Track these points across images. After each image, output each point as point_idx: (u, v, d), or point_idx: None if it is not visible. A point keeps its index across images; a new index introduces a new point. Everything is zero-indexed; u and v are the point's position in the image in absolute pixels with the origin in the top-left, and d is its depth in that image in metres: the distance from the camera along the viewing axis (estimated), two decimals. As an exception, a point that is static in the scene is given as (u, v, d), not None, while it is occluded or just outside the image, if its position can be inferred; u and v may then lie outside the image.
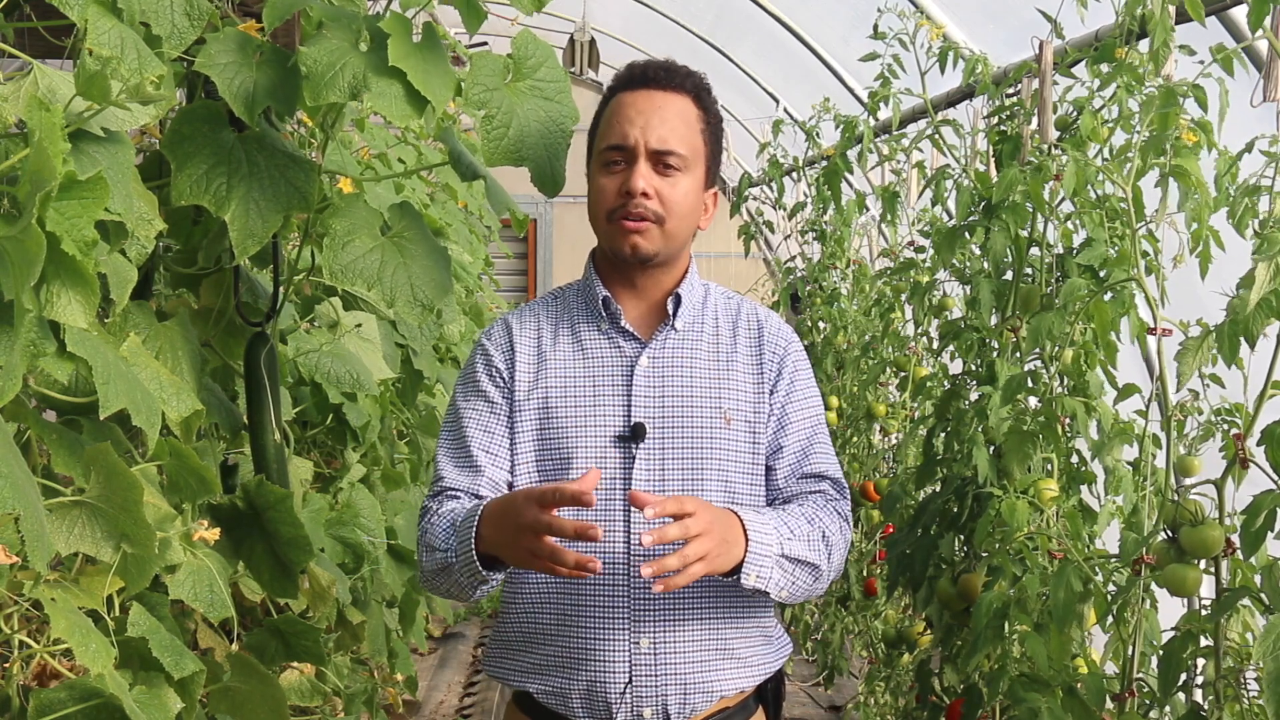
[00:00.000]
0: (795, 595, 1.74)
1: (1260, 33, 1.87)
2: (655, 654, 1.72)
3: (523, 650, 1.80)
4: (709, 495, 1.74)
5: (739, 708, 1.80)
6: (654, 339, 1.81)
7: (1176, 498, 1.91)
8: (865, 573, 4.36)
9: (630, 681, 1.72)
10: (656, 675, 1.72)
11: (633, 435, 1.75)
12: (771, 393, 1.83)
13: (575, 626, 1.74)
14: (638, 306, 1.84)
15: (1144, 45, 2.20)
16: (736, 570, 1.65)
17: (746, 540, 1.65)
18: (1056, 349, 2.46)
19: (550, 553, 1.55)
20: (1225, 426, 1.87)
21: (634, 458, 1.75)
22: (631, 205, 1.75)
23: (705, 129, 1.81)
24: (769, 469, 1.82)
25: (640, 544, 1.56)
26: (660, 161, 1.75)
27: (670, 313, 1.82)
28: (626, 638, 1.72)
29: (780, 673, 1.87)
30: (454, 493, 1.79)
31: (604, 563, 1.72)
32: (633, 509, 1.70)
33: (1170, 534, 1.90)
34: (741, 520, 1.67)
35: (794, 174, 5.21)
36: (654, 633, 1.73)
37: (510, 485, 1.80)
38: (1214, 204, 2.07)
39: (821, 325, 5.06)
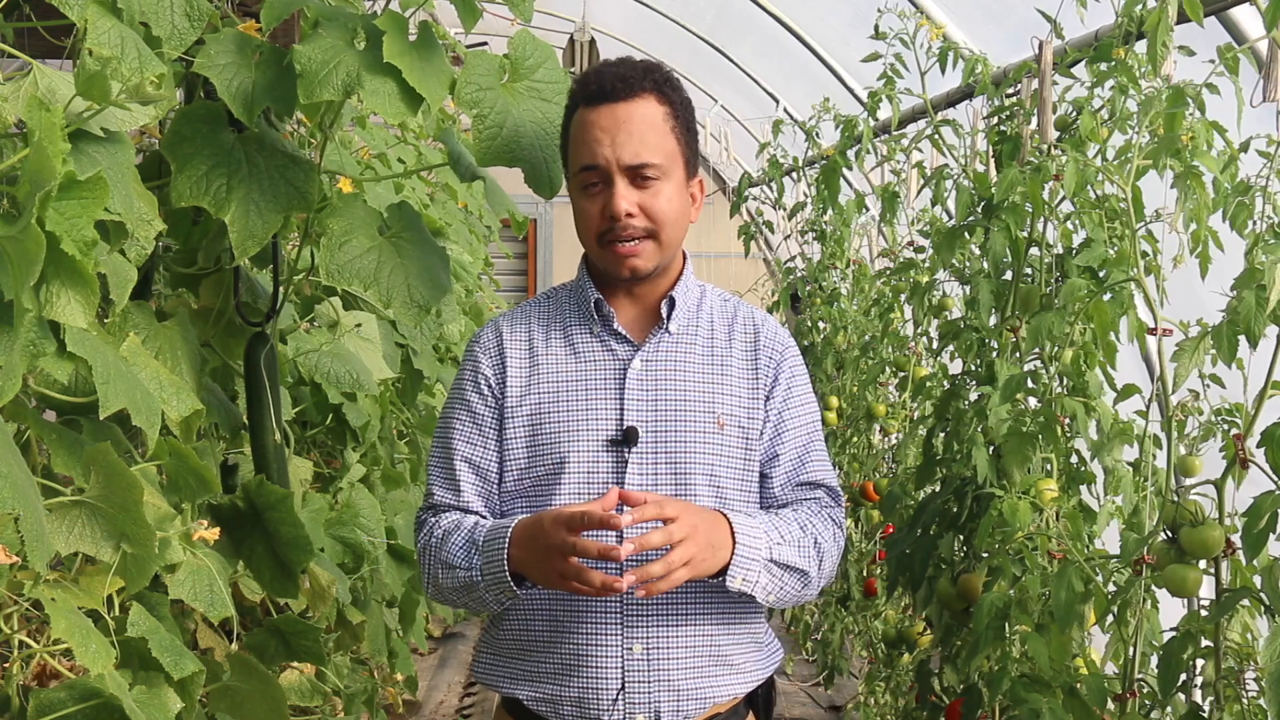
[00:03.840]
0: (783, 600, 1.74)
1: (1263, 34, 1.87)
2: (648, 659, 1.71)
3: (514, 657, 1.78)
4: (700, 499, 1.73)
5: (730, 714, 1.78)
6: (647, 342, 1.79)
7: (1177, 498, 1.91)
8: (865, 573, 4.36)
9: (623, 688, 1.70)
10: (650, 681, 1.71)
11: (625, 439, 1.73)
12: (768, 399, 1.81)
13: (568, 633, 1.72)
14: (631, 309, 1.82)
15: (1142, 46, 2.19)
16: (722, 573, 1.65)
17: (734, 543, 1.65)
18: (1056, 349, 2.46)
19: (576, 574, 1.58)
20: (1225, 427, 1.87)
21: (626, 462, 1.73)
22: (619, 229, 1.71)
23: (676, 124, 1.75)
24: (765, 475, 1.81)
25: (621, 555, 1.57)
26: (637, 175, 1.71)
27: (664, 316, 1.80)
28: (619, 643, 1.71)
29: (771, 680, 1.86)
30: (446, 509, 1.80)
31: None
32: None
33: (1170, 534, 1.90)
34: (730, 522, 1.66)
35: (794, 174, 5.21)
36: (647, 638, 1.71)
37: (500, 494, 1.79)
38: (1213, 204, 2.07)
39: (821, 325, 5.06)
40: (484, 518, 1.78)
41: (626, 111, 1.71)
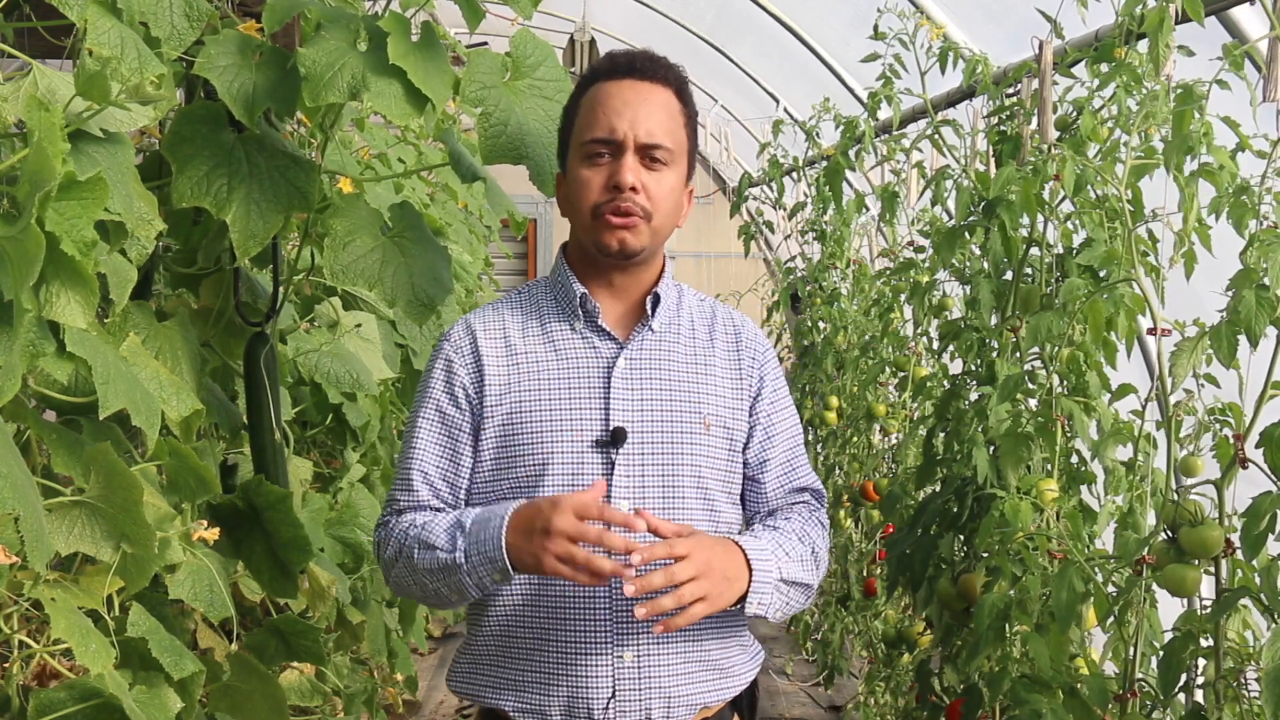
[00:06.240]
0: (786, 614, 1.74)
1: (1264, 33, 1.87)
2: (640, 667, 1.68)
3: (496, 665, 1.73)
4: (687, 501, 1.71)
5: (716, 718, 1.77)
6: (631, 340, 1.75)
7: (1176, 498, 1.91)
8: (865, 573, 4.36)
9: (614, 695, 1.67)
10: (640, 688, 1.68)
11: (612, 440, 1.69)
12: (755, 400, 1.80)
13: (555, 639, 1.69)
14: (615, 306, 1.78)
15: (1143, 45, 2.20)
16: (740, 601, 1.65)
17: (750, 571, 1.64)
18: (1056, 349, 2.46)
19: (586, 560, 1.54)
20: (1218, 426, 1.87)
21: (613, 463, 1.69)
22: (620, 200, 1.68)
23: (687, 124, 1.76)
24: (755, 480, 1.80)
25: (625, 593, 1.55)
26: (647, 155, 1.70)
27: (649, 312, 1.77)
28: (610, 650, 1.67)
29: (754, 682, 1.85)
30: (412, 513, 1.74)
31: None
32: (620, 517, 1.67)
33: (1170, 534, 1.90)
34: (744, 550, 1.65)
35: (794, 174, 5.22)
36: (638, 645, 1.68)
37: (476, 498, 1.75)
38: (1213, 204, 2.07)
39: (821, 325, 5.07)
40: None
41: (650, 91, 1.72)
